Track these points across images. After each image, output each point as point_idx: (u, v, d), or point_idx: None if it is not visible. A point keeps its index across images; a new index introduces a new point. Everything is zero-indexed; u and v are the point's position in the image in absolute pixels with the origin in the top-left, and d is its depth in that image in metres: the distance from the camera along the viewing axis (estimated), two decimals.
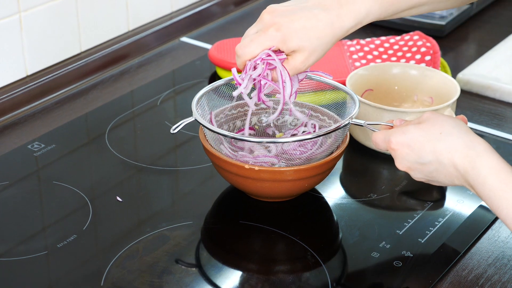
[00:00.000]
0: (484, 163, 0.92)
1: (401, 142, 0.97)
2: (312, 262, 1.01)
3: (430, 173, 0.97)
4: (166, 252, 1.02)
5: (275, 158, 1.07)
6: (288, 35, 1.00)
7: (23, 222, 1.07)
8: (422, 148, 0.95)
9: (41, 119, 1.31)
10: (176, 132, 1.06)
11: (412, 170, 0.98)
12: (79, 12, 1.40)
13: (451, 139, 0.94)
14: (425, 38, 1.42)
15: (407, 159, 0.97)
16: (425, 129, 0.96)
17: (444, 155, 0.94)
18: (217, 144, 1.08)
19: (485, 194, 0.91)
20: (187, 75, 1.44)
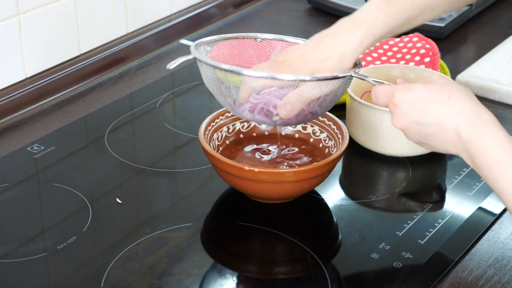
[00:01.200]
0: (490, 132, 0.90)
1: (405, 98, 0.94)
2: (312, 264, 1.01)
3: (427, 136, 0.94)
4: (165, 254, 1.02)
5: (277, 99, 1.03)
6: (296, 71, 1.01)
7: (23, 224, 1.07)
8: (426, 108, 0.93)
9: (40, 121, 1.31)
10: (172, 69, 1.06)
11: (408, 130, 0.95)
12: (78, 15, 1.40)
13: (458, 104, 0.92)
14: (424, 40, 1.42)
15: (406, 117, 0.95)
16: (433, 90, 0.94)
17: (449, 119, 0.92)
18: (216, 88, 1.06)
19: (486, 164, 0.89)
20: (186, 77, 1.44)
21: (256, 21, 1.68)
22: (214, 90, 1.07)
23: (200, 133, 1.11)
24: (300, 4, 1.74)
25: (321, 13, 1.69)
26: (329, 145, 1.16)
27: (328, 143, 1.16)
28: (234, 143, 1.17)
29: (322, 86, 1.01)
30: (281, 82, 1.01)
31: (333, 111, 1.19)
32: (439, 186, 1.18)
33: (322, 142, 1.17)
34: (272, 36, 1.15)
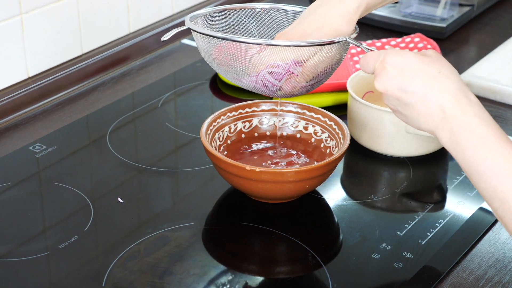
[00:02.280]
0: (477, 112, 0.89)
1: (395, 62, 0.92)
2: (313, 264, 1.01)
3: (406, 105, 0.92)
4: (167, 253, 1.02)
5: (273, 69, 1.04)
6: (305, 37, 1.01)
7: (24, 223, 1.07)
8: (414, 76, 0.91)
9: (42, 121, 1.31)
10: (166, 40, 1.06)
11: (388, 94, 0.93)
12: (80, 14, 1.40)
13: (447, 81, 0.91)
14: (426, 40, 1.42)
15: (391, 81, 0.92)
16: (425, 62, 0.92)
17: (434, 93, 0.90)
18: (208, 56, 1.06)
19: (470, 143, 0.88)
20: (188, 77, 1.45)
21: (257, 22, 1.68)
22: (212, 61, 1.07)
23: (202, 132, 1.11)
24: (303, 1, 1.73)
25: None
26: (330, 145, 1.16)
27: (329, 143, 1.16)
28: (235, 143, 1.18)
29: (318, 49, 1.02)
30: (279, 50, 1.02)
31: (334, 111, 1.19)
32: (440, 186, 1.18)
33: (323, 142, 1.17)
34: (269, 6, 1.16)
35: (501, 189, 0.86)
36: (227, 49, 1.04)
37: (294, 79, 1.04)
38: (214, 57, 1.06)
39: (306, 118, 1.18)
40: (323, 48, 1.02)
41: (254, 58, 1.03)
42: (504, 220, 0.86)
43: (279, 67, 1.03)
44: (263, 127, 1.20)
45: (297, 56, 1.02)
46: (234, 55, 1.04)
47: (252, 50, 1.03)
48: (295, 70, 1.04)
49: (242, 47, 1.03)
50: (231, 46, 1.03)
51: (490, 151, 0.87)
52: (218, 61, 1.06)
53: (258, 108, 1.19)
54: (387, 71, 0.93)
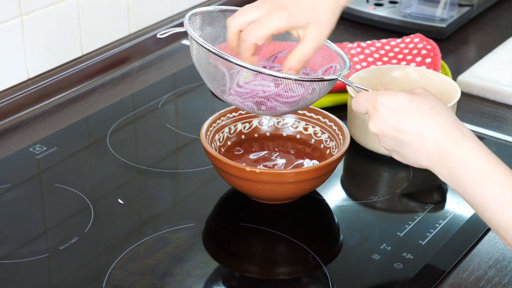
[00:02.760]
0: (472, 145, 0.89)
1: (387, 103, 0.93)
2: (313, 264, 1.01)
3: (402, 144, 0.93)
4: (167, 254, 1.02)
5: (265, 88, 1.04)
6: (295, 13, 0.99)
7: (25, 225, 1.07)
8: (406, 116, 0.92)
9: (42, 122, 1.31)
10: (162, 37, 1.07)
11: (383, 136, 0.94)
12: (80, 15, 1.40)
13: (440, 117, 0.92)
14: (426, 41, 1.42)
15: (385, 122, 0.93)
16: (416, 100, 0.93)
17: (428, 130, 0.91)
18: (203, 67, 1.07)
19: (469, 177, 0.88)
20: (188, 78, 1.45)
21: None
22: (203, 71, 1.07)
23: (202, 134, 1.11)
24: None
25: None
26: (330, 146, 1.16)
27: (329, 144, 1.16)
28: (235, 144, 1.18)
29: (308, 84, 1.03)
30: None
31: (334, 111, 1.19)
32: (440, 187, 1.18)
33: (323, 143, 1.17)
34: None
35: (506, 217, 0.86)
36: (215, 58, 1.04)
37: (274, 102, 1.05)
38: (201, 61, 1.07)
39: (306, 119, 1.18)
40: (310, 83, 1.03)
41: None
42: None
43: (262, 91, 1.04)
44: (263, 128, 1.20)
45: (282, 87, 1.03)
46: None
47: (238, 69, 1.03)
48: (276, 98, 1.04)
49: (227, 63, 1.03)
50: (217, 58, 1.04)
51: (490, 182, 0.88)
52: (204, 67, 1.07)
53: None
54: (380, 113, 0.94)
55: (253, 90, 1.04)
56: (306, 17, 1.00)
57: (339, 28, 1.63)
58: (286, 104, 1.05)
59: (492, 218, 0.88)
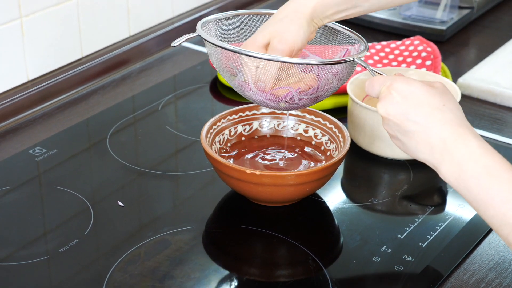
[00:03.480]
0: (479, 143, 0.89)
1: (401, 89, 0.93)
2: (314, 267, 1.01)
3: (406, 132, 0.93)
4: (167, 257, 1.02)
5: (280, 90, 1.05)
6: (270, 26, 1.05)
7: (24, 227, 1.07)
8: (418, 106, 0.92)
9: (42, 124, 1.31)
10: (176, 46, 1.07)
11: (389, 119, 0.94)
12: (80, 17, 1.40)
13: (450, 114, 0.92)
14: (426, 43, 1.42)
15: (394, 106, 0.93)
16: (431, 93, 0.93)
17: (436, 124, 0.91)
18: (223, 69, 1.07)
19: (474, 172, 0.88)
20: (188, 80, 1.45)
21: (258, 23, 1.68)
22: (222, 69, 1.08)
23: (202, 136, 1.11)
24: None
25: None
26: (330, 148, 1.16)
27: (329, 146, 1.16)
28: (235, 146, 1.18)
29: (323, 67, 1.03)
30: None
31: (334, 114, 1.19)
32: (440, 189, 1.18)
33: (323, 145, 1.17)
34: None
35: (510, 214, 0.86)
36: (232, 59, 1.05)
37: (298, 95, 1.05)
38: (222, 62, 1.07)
39: (306, 121, 1.18)
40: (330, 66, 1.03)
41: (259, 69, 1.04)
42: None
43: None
44: (263, 130, 1.20)
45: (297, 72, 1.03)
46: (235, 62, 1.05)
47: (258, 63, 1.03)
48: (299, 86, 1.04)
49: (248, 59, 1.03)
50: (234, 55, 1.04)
51: (496, 178, 0.87)
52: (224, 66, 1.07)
53: (258, 111, 1.19)
54: (392, 96, 0.93)
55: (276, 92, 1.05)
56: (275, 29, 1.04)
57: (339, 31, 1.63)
58: (304, 97, 1.05)
59: (495, 215, 0.87)
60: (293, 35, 1.04)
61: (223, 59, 1.06)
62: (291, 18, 1.05)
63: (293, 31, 1.04)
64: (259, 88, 1.04)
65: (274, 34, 1.04)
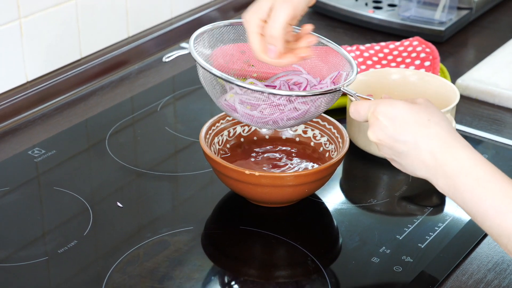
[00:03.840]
0: (469, 155, 0.90)
1: (386, 113, 0.94)
2: (313, 267, 1.01)
3: (399, 154, 0.94)
4: (166, 258, 1.02)
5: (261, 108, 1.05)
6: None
7: (23, 228, 1.07)
8: (404, 126, 0.93)
9: (41, 125, 1.31)
10: (167, 61, 1.08)
11: (382, 145, 0.95)
12: (79, 18, 1.40)
13: (436, 128, 0.92)
14: (425, 44, 1.42)
15: (383, 131, 0.94)
16: (415, 110, 0.94)
17: (425, 140, 0.92)
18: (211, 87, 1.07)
19: (467, 186, 0.89)
20: (187, 81, 1.45)
21: None
22: (210, 91, 1.08)
23: (201, 137, 1.11)
24: None
25: (322, 17, 1.69)
26: (329, 149, 1.16)
27: (328, 147, 1.16)
28: (234, 147, 1.18)
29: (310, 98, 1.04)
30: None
31: (333, 115, 1.19)
32: None
33: (322, 146, 1.17)
34: None
35: (506, 224, 0.87)
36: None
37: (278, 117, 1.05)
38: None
39: (305, 122, 1.18)
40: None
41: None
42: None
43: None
44: (262, 131, 1.20)
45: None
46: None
47: None
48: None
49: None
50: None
51: (488, 190, 0.88)
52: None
53: None
54: (379, 122, 0.95)
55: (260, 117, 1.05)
56: None
57: (338, 31, 1.64)
58: (291, 120, 1.05)
59: (492, 226, 0.88)
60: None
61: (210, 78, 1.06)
62: None
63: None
64: (245, 112, 1.05)
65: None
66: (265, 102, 1.03)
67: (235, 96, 1.06)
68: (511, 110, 1.38)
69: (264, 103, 1.03)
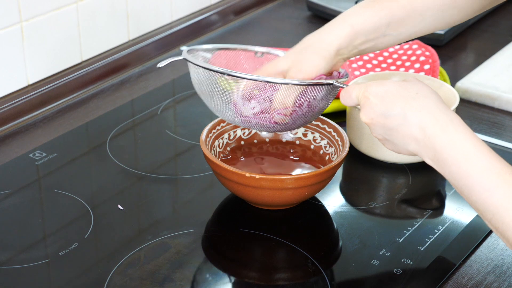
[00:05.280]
0: (457, 128, 0.90)
1: (375, 92, 0.95)
2: (313, 270, 1.02)
3: (390, 130, 0.94)
4: (167, 260, 1.02)
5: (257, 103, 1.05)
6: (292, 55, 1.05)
7: (24, 231, 1.07)
8: (393, 101, 0.93)
9: (42, 128, 1.31)
10: (161, 67, 1.09)
11: (373, 124, 0.95)
12: (80, 22, 1.41)
13: (425, 100, 0.93)
14: (424, 47, 1.42)
15: (374, 110, 0.95)
16: (403, 86, 0.95)
17: (413, 113, 0.92)
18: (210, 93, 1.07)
19: (454, 159, 0.89)
20: (187, 84, 1.44)
21: (257, 28, 1.69)
22: (206, 95, 1.08)
23: (202, 139, 1.12)
24: (301, 12, 1.74)
25: (321, 20, 1.70)
26: (329, 152, 1.16)
27: (328, 150, 1.17)
28: (235, 150, 1.18)
29: (306, 89, 1.03)
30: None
31: (333, 117, 1.19)
32: (439, 192, 1.19)
33: (322, 149, 1.18)
34: (266, 50, 1.16)
35: (491, 201, 0.87)
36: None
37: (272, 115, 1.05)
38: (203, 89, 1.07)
39: (305, 124, 1.19)
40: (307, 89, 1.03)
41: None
42: (498, 230, 0.87)
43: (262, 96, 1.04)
44: (262, 134, 1.20)
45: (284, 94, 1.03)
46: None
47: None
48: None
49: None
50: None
51: (476, 165, 0.88)
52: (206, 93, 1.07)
53: None
54: (369, 101, 0.95)
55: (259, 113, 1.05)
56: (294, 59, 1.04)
57: None
58: (282, 116, 1.05)
59: (478, 201, 0.88)
60: (313, 66, 1.03)
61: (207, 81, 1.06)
62: (315, 48, 1.04)
63: (314, 61, 1.03)
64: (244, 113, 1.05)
65: (295, 63, 1.04)
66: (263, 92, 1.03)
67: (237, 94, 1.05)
68: (510, 113, 1.39)
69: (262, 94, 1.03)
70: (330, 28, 1.05)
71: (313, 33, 1.06)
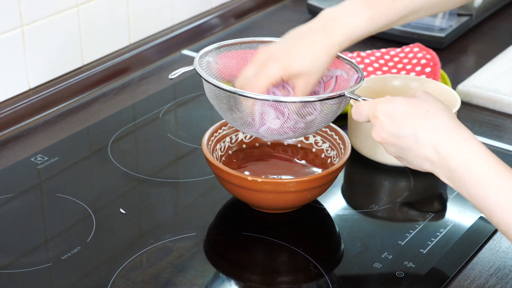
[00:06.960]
0: (472, 148, 0.89)
1: (385, 110, 0.94)
2: (315, 273, 1.02)
3: (403, 150, 0.93)
4: (169, 264, 1.02)
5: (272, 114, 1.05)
6: (287, 63, 1.02)
7: (26, 235, 1.07)
8: (403, 121, 0.93)
9: (43, 132, 1.31)
10: (173, 78, 1.08)
11: (386, 143, 0.95)
12: (81, 26, 1.41)
13: (436, 119, 0.92)
14: (425, 50, 1.42)
15: (385, 130, 0.94)
16: (412, 104, 0.94)
17: (425, 133, 0.91)
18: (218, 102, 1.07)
19: (472, 181, 0.88)
20: (189, 88, 1.45)
21: (257, 31, 1.69)
22: (220, 106, 1.08)
23: (203, 143, 1.12)
24: (301, 15, 1.75)
25: None
26: (331, 155, 1.16)
27: (330, 153, 1.17)
28: (236, 153, 1.18)
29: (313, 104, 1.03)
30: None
31: (335, 121, 1.19)
32: (440, 195, 1.19)
33: (324, 152, 1.18)
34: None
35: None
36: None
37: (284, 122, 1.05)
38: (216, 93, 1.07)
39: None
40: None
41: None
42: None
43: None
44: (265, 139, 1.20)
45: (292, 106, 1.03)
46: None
47: None
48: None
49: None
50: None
51: (494, 187, 0.87)
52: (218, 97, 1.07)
53: None
54: (380, 121, 0.95)
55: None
56: (297, 67, 1.02)
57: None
58: (299, 130, 1.05)
59: (499, 223, 0.88)
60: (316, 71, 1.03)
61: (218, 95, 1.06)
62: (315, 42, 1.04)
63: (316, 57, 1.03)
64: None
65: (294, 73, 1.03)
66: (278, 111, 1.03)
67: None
68: (511, 116, 1.39)
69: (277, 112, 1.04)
70: (327, 37, 1.04)
71: (306, 37, 1.05)
